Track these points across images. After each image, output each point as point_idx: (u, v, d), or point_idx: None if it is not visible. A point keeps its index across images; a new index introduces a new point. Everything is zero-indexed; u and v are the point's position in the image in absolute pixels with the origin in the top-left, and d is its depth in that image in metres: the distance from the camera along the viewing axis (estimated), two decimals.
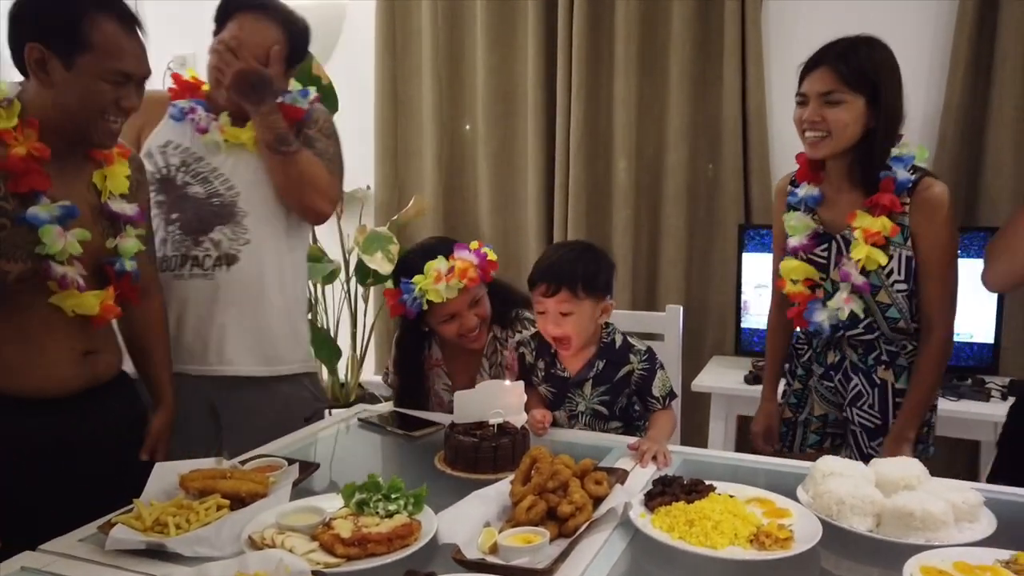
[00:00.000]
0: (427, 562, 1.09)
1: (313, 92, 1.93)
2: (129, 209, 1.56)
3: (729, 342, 2.80)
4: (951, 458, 2.53)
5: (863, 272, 1.64)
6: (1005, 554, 1.06)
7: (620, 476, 1.36)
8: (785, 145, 2.81)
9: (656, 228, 2.95)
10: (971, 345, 2.46)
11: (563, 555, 1.09)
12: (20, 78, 1.47)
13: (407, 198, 3.18)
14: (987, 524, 1.17)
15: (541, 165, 3.03)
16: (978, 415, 2.29)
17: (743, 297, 2.69)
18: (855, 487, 1.20)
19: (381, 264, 2.89)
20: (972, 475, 2.41)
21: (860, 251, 1.62)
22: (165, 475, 1.30)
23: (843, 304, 1.66)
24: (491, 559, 1.07)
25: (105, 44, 1.40)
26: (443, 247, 1.82)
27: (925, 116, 2.56)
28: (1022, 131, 2.48)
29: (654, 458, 1.48)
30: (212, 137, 1.78)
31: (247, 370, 1.82)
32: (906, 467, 1.28)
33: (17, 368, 1.42)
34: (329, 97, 2.74)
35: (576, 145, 2.92)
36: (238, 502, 1.24)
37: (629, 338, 1.76)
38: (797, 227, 1.73)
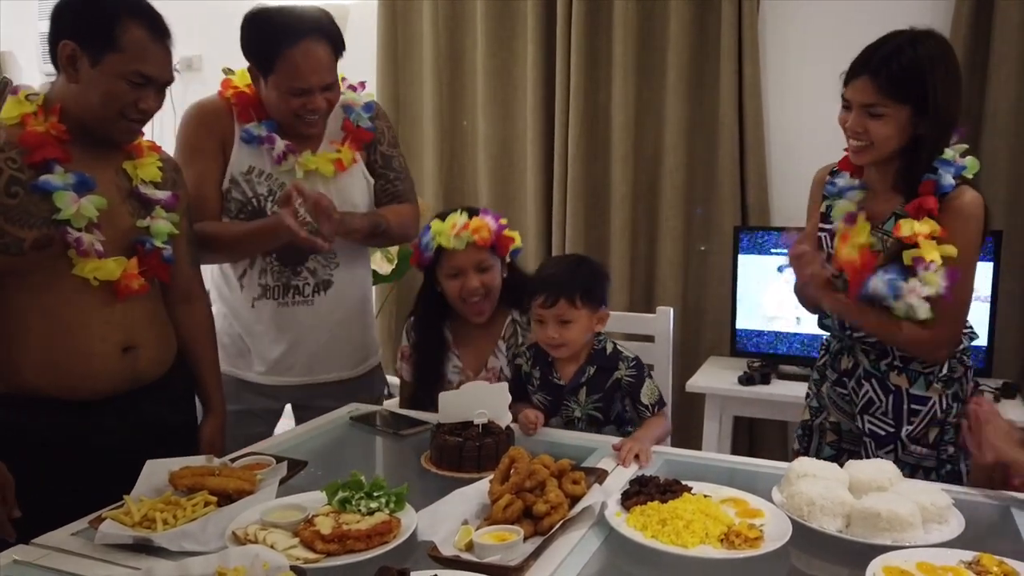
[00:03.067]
0: (405, 559, 1.13)
1: (373, 99, 1.99)
2: (160, 194, 1.60)
3: (725, 343, 2.82)
4: None
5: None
6: (969, 555, 1.08)
7: (599, 476, 1.39)
8: (782, 147, 2.84)
9: (654, 229, 2.97)
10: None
11: (536, 553, 1.13)
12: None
13: None
14: (956, 525, 1.19)
15: (540, 167, 3.06)
16: None
17: (737, 300, 2.71)
18: (826, 489, 1.23)
19: (380, 264, 2.95)
20: None
21: (931, 252, 1.50)
22: (155, 472, 1.34)
23: (922, 306, 1.50)
24: (465, 556, 1.11)
25: (133, 47, 1.46)
26: (472, 210, 1.90)
27: None
28: (1017, 136, 2.49)
29: (636, 457, 1.51)
30: (290, 167, 1.84)
31: (340, 375, 2.00)
32: (879, 469, 1.31)
33: (51, 363, 1.46)
34: None
35: (574, 147, 2.95)
36: (225, 499, 1.28)
37: (619, 346, 1.81)
38: (844, 209, 1.65)
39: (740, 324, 2.74)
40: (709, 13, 2.79)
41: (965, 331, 1.62)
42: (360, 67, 3.27)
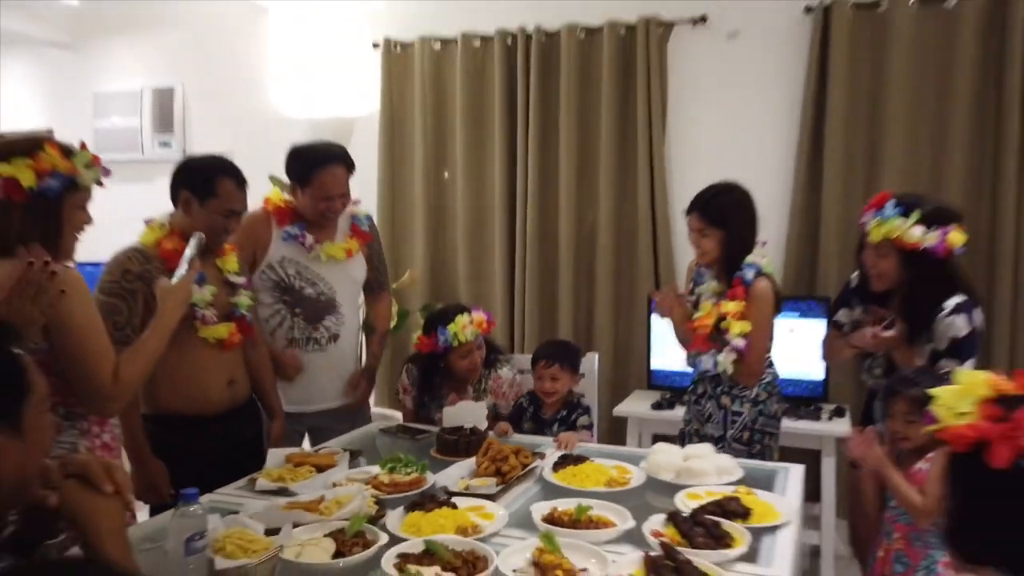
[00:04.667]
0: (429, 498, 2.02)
1: (369, 213, 2.91)
2: (239, 279, 2.43)
3: (644, 378, 3.76)
4: (801, 462, 3.47)
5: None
6: (732, 488, 2.01)
7: (541, 456, 2.30)
8: (681, 236, 3.81)
9: (592, 292, 3.92)
10: (808, 381, 3.45)
11: (503, 490, 2.03)
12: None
13: (403, 270, 4.14)
14: (736, 476, 2.12)
15: (505, 247, 4.00)
16: (816, 431, 3.27)
17: (652, 346, 3.66)
18: (667, 457, 2.15)
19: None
20: (815, 472, 3.34)
21: (739, 327, 2.47)
22: (275, 456, 2.23)
23: (728, 360, 2.50)
24: (463, 491, 2.01)
25: (225, 194, 2.27)
26: (461, 308, 2.79)
27: (783, 193, 3.57)
28: (845, 217, 3.43)
29: (566, 445, 2.44)
30: (316, 254, 2.68)
31: (341, 403, 2.79)
32: (702, 448, 2.23)
33: (186, 394, 2.30)
34: None
35: (531, 229, 3.91)
36: (320, 469, 2.16)
37: (582, 399, 2.75)
38: (704, 291, 2.61)
39: (654, 365, 3.68)
40: (628, 130, 3.78)
41: (768, 368, 2.58)
42: (365, 163, 4.21)
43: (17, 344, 1.13)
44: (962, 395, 1.31)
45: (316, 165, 2.64)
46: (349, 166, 2.71)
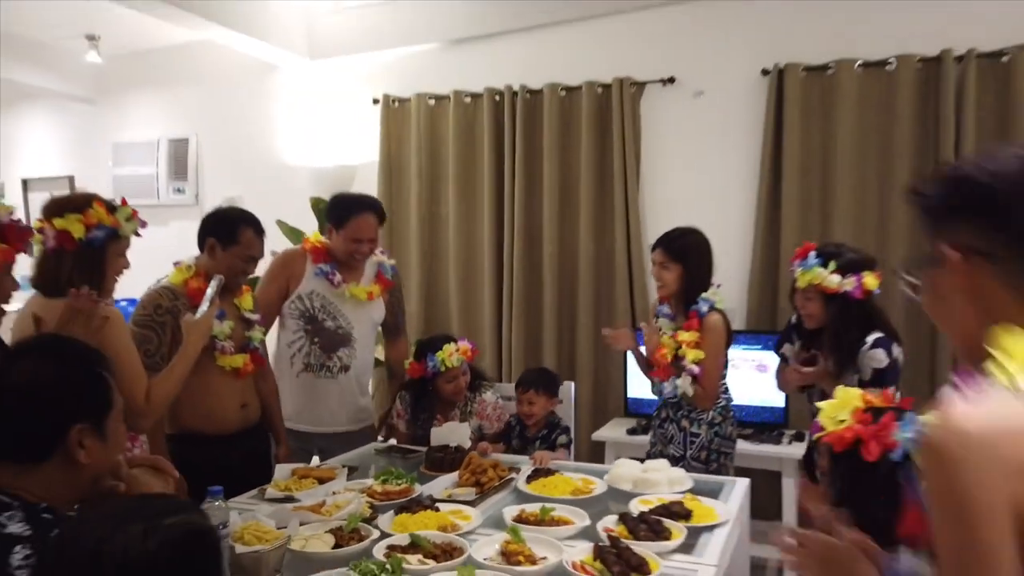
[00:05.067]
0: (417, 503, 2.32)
1: (394, 263, 3.24)
2: (254, 316, 2.77)
3: (622, 406, 4.06)
4: (764, 482, 3.76)
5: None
6: (681, 496, 2.30)
7: (517, 471, 2.60)
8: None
9: (574, 334, 4.24)
10: (770, 408, 3.75)
11: (480, 498, 2.33)
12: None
13: None
14: (687, 486, 2.41)
15: (493, 284, 4.34)
16: (777, 454, 3.57)
17: (628, 377, 3.97)
18: (627, 470, 2.46)
19: (380, 352, 4.15)
20: (777, 492, 3.62)
21: (693, 355, 2.81)
22: (284, 469, 2.53)
23: (687, 384, 2.84)
24: (445, 499, 2.31)
25: (246, 242, 2.63)
26: (448, 337, 3.10)
27: (745, 236, 3.90)
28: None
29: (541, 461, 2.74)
30: (341, 292, 3.00)
31: (347, 428, 3.09)
32: (659, 463, 2.53)
33: (204, 414, 2.61)
34: None
35: (518, 271, 4.25)
36: (322, 481, 2.46)
37: (561, 421, 3.05)
38: (664, 325, 2.95)
39: (630, 394, 3.99)
40: (606, 179, 4.13)
41: (723, 393, 2.89)
42: None
43: (106, 368, 1.45)
44: (841, 407, 1.64)
45: (351, 211, 3.00)
46: (380, 216, 3.07)
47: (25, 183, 5.75)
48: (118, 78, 5.37)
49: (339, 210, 3.04)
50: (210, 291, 2.47)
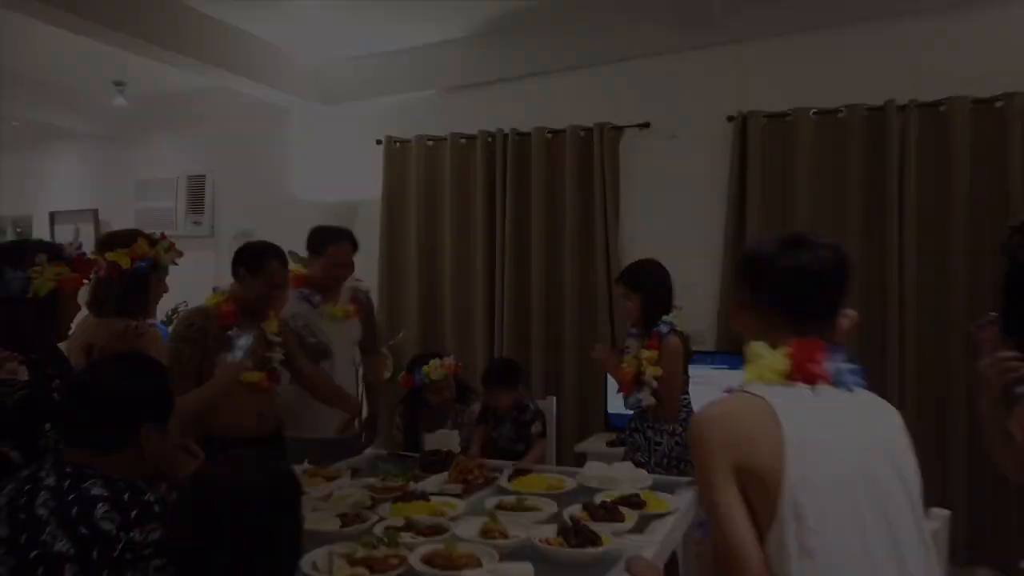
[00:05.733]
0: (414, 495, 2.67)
1: (367, 290, 3.66)
2: (276, 339, 3.12)
3: (602, 421, 4.41)
4: None
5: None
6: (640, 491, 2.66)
7: (500, 471, 2.95)
8: None
9: (559, 355, 4.60)
10: None
11: (467, 491, 2.69)
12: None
13: (399, 329, 4.84)
14: (647, 484, 2.77)
15: (485, 310, 4.71)
16: None
17: (608, 395, 4.33)
18: (595, 470, 2.81)
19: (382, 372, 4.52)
20: None
21: (652, 370, 3.20)
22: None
23: (647, 395, 3.23)
24: (436, 492, 2.67)
25: (271, 271, 3.02)
26: (434, 354, 3.51)
27: (713, 268, 4.27)
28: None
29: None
30: (320, 311, 3.43)
31: (335, 435, 3.44)
32: (624, 465, 2.89)
33: (224, 420, 2.96)
34: None
35: (508, 298, 4.63)
36: (328, 480, 2.82)
37: (533, 402, 3.47)
38: (632, 348, 3.32)
39: (610, 410, 4.34)
40: (589, 215, 4.52)
41: (684, 407, 3.25)
42: (368, 240, 4.94)
43: (169, 377, 1.84)
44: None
45: (329, 240, 3.49)
46: (354, 244, 3.53)
47: (52, 215, 6.16)
48: (141, 120, 5.80)
49: (319, 239, 3.50)
50: (244, 342, 2.85)
